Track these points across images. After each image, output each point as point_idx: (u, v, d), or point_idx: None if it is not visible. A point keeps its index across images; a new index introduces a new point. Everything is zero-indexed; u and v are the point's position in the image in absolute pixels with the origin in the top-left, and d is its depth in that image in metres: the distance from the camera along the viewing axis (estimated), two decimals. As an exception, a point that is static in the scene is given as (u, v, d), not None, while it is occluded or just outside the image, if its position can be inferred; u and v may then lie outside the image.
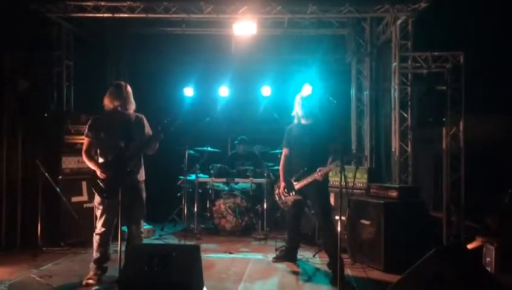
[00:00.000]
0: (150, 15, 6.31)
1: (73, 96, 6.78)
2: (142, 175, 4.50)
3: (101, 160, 4.35)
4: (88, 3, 6.08)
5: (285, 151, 5.18)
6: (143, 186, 4.49)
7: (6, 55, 5.91)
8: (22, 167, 5.87)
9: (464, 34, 5.96)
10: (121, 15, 6.29)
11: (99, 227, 4.39)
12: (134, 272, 3.64)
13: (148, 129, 4.46)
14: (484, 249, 4.71)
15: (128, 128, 4.26)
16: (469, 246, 4.81)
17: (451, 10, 5.84)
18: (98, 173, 4.21)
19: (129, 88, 4.42)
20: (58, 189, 5.54)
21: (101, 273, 4.41)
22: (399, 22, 6.08)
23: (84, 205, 5.87)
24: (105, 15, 6.27)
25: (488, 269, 4.49)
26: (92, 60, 7.31)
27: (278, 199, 5.26)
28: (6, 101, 5.87)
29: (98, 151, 4.39)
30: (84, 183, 5.85)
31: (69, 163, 5.86)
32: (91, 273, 4.38)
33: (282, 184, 5.06)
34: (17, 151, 5.87)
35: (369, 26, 7.25)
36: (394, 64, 6.16)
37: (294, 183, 4.92)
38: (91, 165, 4.29)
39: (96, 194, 4.32)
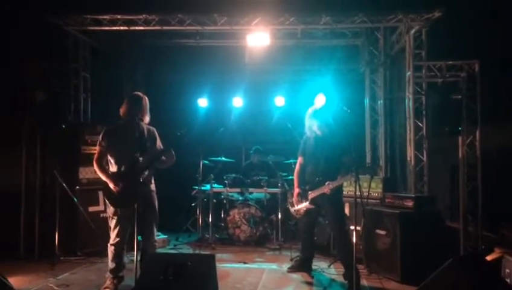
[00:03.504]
0: (165, 27, 6.42)
1: (89, 108, 6.90)
2: (153, 185, 4.54)
3: (112, 169, 4.37)
4: (104, 17, 6.22)
5: (300, 159, 5.21)
6: (155, 195, 4.52)
7: (25, 68, 6.05)
8: (40, 177, 5.97)
9: (479, 43, 5.92)
10: (137, 28, 6.41)
11: (113, 237, 4.42)
12: (150, 282, 3.66)
13: (159, 143, 4.50)
14: (503, 260, 4.63)
15: (142, 140, 4.30)
16: (488, 258, 4.73)
17: (465, 19, 5.81)
18: (112, 186, 4.24)
19: (146, 100, 4.46)
20: (75, 199, 5.63)
21: (118, 283, 4.43)
22: (413, 31, 6.08)
23: (101, 215, 5.93)
24: (122, 28, 6.40)
25: (508, 280, 4.41)
26: (108, 71, 7.42)
27: (290, 207, 5.27)
28: (25, 113, 6.00)
29: (112, 160, 4.38)
30: (101, 193, 5.90)
31: (86, 173, 5.94)
32: (108, 282, 4.41)
33: (296, 191, 5.07)
34: (36, 162, 5.97)
35: (383, 35, 7.25)
36: (408, 73, 6.15)
37: (308, 192, 4.92)
38: (103, 177, 4.30)
39: (109, 204, 4.36)
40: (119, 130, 4.43)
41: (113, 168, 4.38)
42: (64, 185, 5.52)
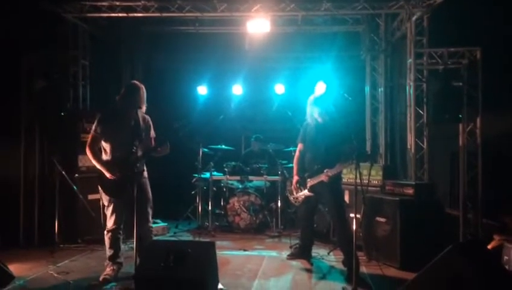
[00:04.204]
0: (164, 14, 6.37)
1: (88, 95, 6.87)
2: (146, 172, 4.53)
3: (106, 157, 4.35)
4: (103, 3, 6.16)
5: (299, 146, 5.18)
6: (148, 182, 4.52)
7: (23, 56, 6.00)
8: (40, 165, 5.95)
9: (481, 29, 5.85)
10: (136, 14, 6.35)
11: (110, 225, 4.43)
12: (151, 268, 3.66)
13: (152, 132, 4.50)
14: (503, 247, 4.64)
15: (138, 129, 4.29)
16: (489, 246, 4.73)
17: (468, 5, 5.74)
18: (108, 175, 4.22)
19: (144, 89, 4.41)
20: (74, 187, 5.62)
21: (117, 269, 4.46)
22: (414, 18, 6.02)
23: (100, 203, 5.91)
24: (120, 15, 6.35)
25: (507, 267, 4.43)
26: (106, 59, 7.38)
27: (289, 194, 5.27)
28: (24, 101, 5.97)
29: (107, 148, 4.35)
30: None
31: (85, 161, 5.91)
32: (107, 269, 4.43)
33: (295, 178, 5.06)
34: (35, 150, 5.95)
35: (384, 22, 7.19)
36: (409, 60, 6.11)
37: (307, 180, 4.91)
38: (97, 164, 4.28)
39: (103, 193, 4.36)
40: (115, 117, 4.39)
41: (107, 156, 4.35)
42: (63, 173, 5.52)
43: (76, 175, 5.84)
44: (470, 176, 5.91)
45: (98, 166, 4.28)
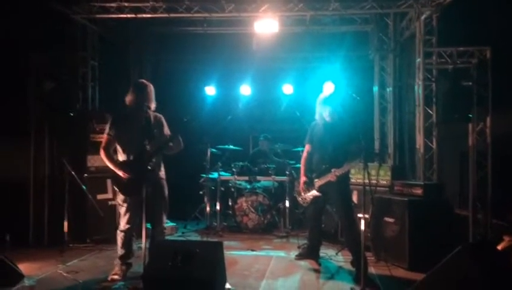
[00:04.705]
0: (172, 15, 6.40)
1: (97, 96, 6.91)
2: (163, 172, 4.55)
3: (121, 158, 4.38)
4: (112, 4, 6.21)
5: (307, 147, 5.16)
6: (165, 183, 4.53)
7: (33, 56, 6.06)
8: (49, 166, 6.01)
9: (491, 29, 5.80)
10: (144, 15, 6.38)
11: (123, 224, 4.44)
12: (159, 268, 3.68)
13: (166, 129, 4.50)
14: (512, 248, 4.59)
15: (149, 128, 4.29)
16: (498, 247, 4.68)
17: (477, 4, 5.70)
18: (121, 174, 4.24)
19: (151, 87, 4.43)
20: (84, 187, 5.66)
21: (126, 269, 4.47)
22: (423, 17, 5.98)
23: (109, 203, 5.98)
24: (129, 16, 6.38)
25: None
26: (115, 60, 7.43)
27: (297, 195, 5.26)
28: (33, 101, 6.02)
29: (120, 149, 4.39)
30: (109, 181, 5.94)
31: (94, 161, 5.97)
32: (116, 269, 4.45)
33: (303, 179, 5.05)
34: (44, 150, 6.00)
35: (393, 22, 7.17)
36: (418, 60, 6.07)
37: (315, 180, 4.89)
38: (111, 166, 4.30)
39: (118, 192, 4.38)
40: (127, 118, 4.42)
41: (121, 156, 4.38)
42: (72, 173, 5.55)
43: (86, 175, 5.88)
44: (480, 176, 5.87)
45: (112, 167, 4.29)
